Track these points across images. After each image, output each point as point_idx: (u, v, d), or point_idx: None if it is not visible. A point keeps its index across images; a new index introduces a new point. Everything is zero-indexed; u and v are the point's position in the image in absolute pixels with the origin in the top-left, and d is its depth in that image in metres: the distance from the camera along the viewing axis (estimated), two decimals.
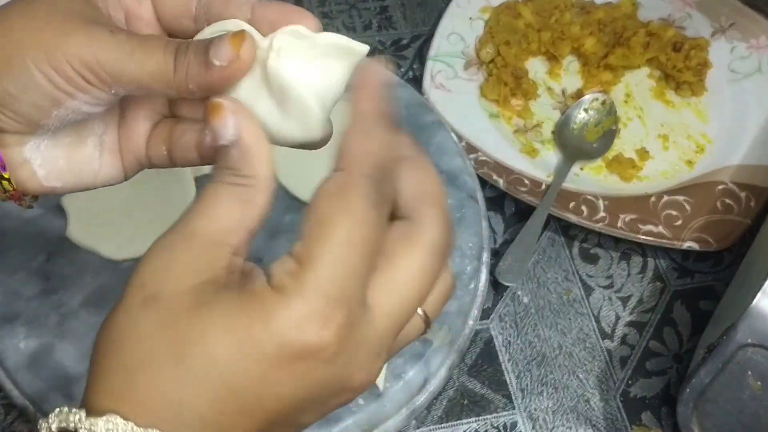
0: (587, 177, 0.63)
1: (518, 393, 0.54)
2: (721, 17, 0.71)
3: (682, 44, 0.68)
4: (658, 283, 0.60)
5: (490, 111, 0.66)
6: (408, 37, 0.72)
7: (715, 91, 0.69)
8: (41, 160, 0.32)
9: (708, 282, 0.60)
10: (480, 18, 0.70)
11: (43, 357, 0.47)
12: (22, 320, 0.48)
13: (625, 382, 0.55)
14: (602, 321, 0.58)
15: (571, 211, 0.59)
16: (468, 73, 0.67)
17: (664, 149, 0.66)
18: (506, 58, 0.67)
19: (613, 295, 0.59)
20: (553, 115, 0.67)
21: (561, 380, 0.55)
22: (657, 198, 0.61)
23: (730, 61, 0.70)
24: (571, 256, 0.60)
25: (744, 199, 0.61)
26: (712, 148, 0.66)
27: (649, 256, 0.61)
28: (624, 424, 0.53)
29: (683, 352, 0.56)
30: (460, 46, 0.68)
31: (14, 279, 0.50)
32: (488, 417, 0.53)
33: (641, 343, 0.57)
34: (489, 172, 0.60)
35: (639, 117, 0.67)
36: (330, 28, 0.71)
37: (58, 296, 0.49)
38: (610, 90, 0.68)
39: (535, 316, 0.57)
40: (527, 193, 0.60)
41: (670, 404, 0.54)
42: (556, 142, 0.64)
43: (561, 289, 0.59)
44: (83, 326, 0.48)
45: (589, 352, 0.56)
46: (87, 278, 0.50)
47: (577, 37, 0.68)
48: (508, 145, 0.63)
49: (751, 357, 0.46)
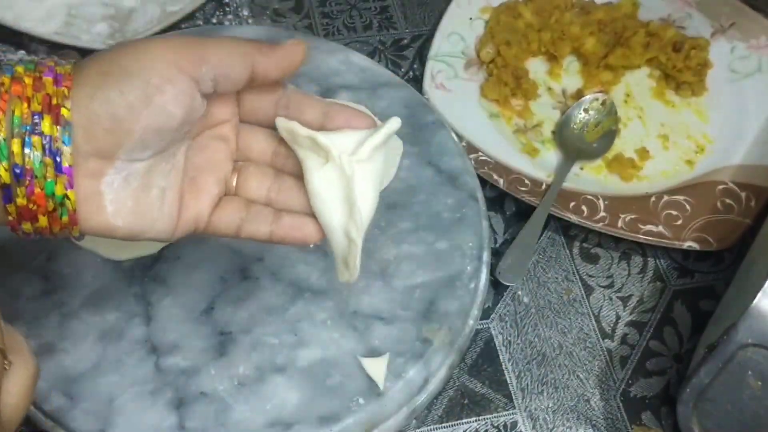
0: (587, 177, 0.63)
1: (518, 393, 0.54)
2: (721, 17, 0.71)
3: (682, 44, 0.68)
4: (658, 282, 0.60)
5: (491, 111, 0.66)
6: (408, 37, 0.72)
7: (715, 91, 0.69)
8: (113, 196, 0.34)
9: (708, 282, 0.60)
10: (480, 18, 0.70)
11: (44, 357, 0.47)
12: (23, 320, 0.48)
13: (625, 381, 0.55)
14: (602, 321, 0.58)
15: (572, 211, 0.59)
16: (468, 73, 0.67)
17: (664, 149, 0.66)
18: (506, 58, 0.67)
19: (613, 295, 0.59)
20: (553, 115, 0.67)
21: (561, 380, 0.55)
22: (657, 198, 0.61)
23: (730, 61, 0.70)
24: (572, 255, 0.60)
25: (744, 199, 0.61)
26: (713, 148, 0.66)
27: (650, 256, 0.61)
28: (624, 424, 0.53)
29: (683, 352, 0.56)
30: (460, 46, 0.68)
31: (14, 279, 0.50)
32: (488, 417, 0.53)
33: (641, 342, 0.57)
34: (489, 172, 0.60)
35: (639, 117, 0.67)
36: (331, 27, 0.71)
37: (58, 296, 0.49)
38: (610, 90, 0.68)
39: (535, 316, 0.57)
40: (527, 193, 0.60)
41: (670, 404, 0.54)
42: (556, 142, 0.64)
43: (561, 288, 0.59)
44: (83, 326, 0.48)
45: (589, 351, 0.56)
46: (87, 278, 0.50)
47: (577, 37, 0.68)
48: (508, 145, 0.63)
49: (751, 357, 0.46)
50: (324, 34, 0.71)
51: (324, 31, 0.71)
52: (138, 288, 0.50)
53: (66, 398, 0.46)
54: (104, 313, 0.49)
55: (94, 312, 0.49)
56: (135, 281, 0.50)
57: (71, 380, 0.46)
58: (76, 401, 0.46)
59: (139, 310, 0.49)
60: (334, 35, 0.71)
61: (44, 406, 0.46)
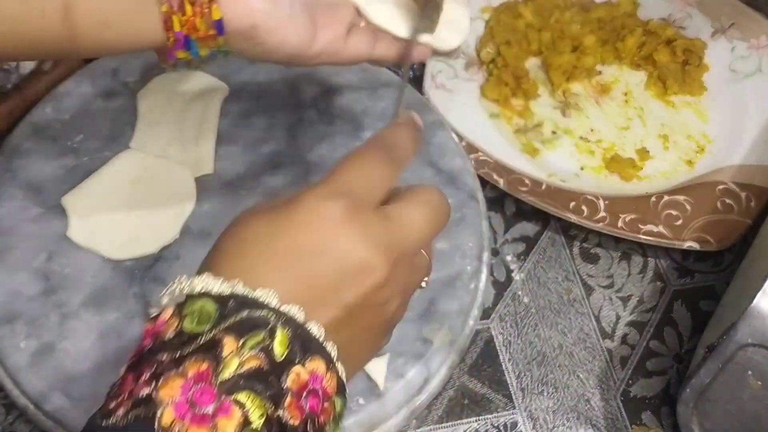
0: (587, 177, 0.63)
1: (518, 393, 0.54)
2: (721, 17, 0.71)
3: (678, 44, 0.68)
4: (658, 282, 0.60)
5: (491, 111, 0.66)
6: None
7: (715, 91, 0.69)
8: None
9: (708, 282, 0.60)
10: (480, 18, 0.70)
11: (44, 357, 0.47)
12: (23, 320, 0.48)
13: (625, 381, 0.55)
14: (602, 321, 0.58)
15: (572, 211, 0.59)
16: (468, 73, 0.67)
17: (664, 149, 0.66)
18: (506, 58, 0.67)
19: (613, 295, 0.59)
20: (553, 115, 0.67)
21: (561, 380, 0.55)
22: (657, 198, 0.61)
23: (730, 61, 0.70)
24: (572, 255, 0.60)
25: (744, 199, 0.61)
26: (713, 148, 0.66)
27: (650, 256, 0.61)
28: (624, 424, 0.53)
29: (683, 352, 0.56)
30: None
31: (14, 279, 0.50)
32: (488, 417, 0.53)
33: (641, 342, 0.57)
34: (489, 172, 0.60)
35: (639, 117, 0.67)
36: None
37: (58, 296, 0.49)
38: (610, 90, 0.68)
39: (535, 316, 0.57)
40: (527, 193, 0.60)
41: (671, 404, 0.54)
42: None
43: (561, 288, 0.59)
44: (83, 326, 0.48)
45: (589, 351, 0.56)
46: (87, 278, 0.50)
47: (576, 35, 0.68)
48: (508, 145, 0.63)
49: (751, 357, 0.46)
50: None
51: None
52: (138, 288, 0.50)
53: (66, 398, 0.46)
54: (104, 313, 0.49)
55: (94, 312, 0.49)
56: (135, 281, 0.50)
57: (71, 380, 0.46)
58: (76, 401, 0.46)
59: (139, 310, 0.49)
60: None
61: (44, 406, 0.46)
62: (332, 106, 0.60)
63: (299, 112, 0.59)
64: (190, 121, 0.57)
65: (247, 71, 0.61)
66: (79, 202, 0.53)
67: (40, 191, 0.54)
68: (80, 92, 0.59)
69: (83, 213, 0.53)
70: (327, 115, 0.59)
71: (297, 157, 0.57)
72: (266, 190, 0.55)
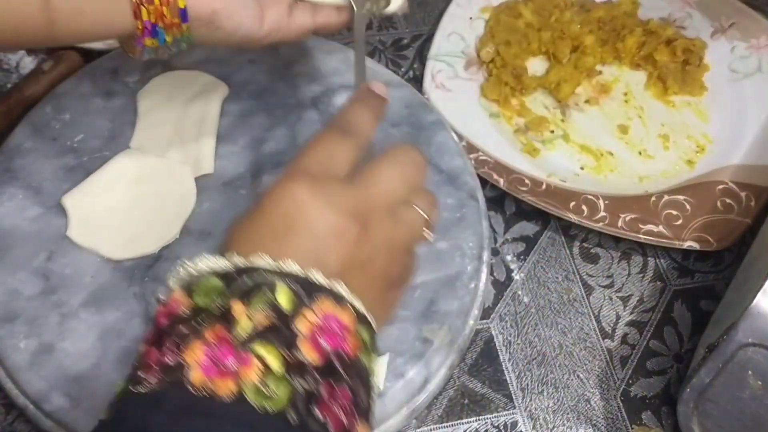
0: (587, 177, 0.63)
1: (518, 392, 0.54)
2: (721, 17, 0.71)
3: (679, 44, 0.68)
4: (658, 282, 0.60)
5: (491, 111, 0.66)
6: (408, 37, 0.72)
7: (715, 91, 0.69)
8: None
9: (708, 282, 0.60)
10: (480, 18, 0.70)
11: (43, 357, 0.47)
12: (22, 320, 0.48)
13: (625, 381, 0.55)
14: (603, 320, 0.58)
15: (572, 211, 0.59)
16: (468, 72, 0.67)
17: (664, 149, 0.66)
18: (506, 57, 0.67)
19: (613, 295, 0.59)
20: (553, 115, 0.66)
21: (561, 380, 0.55)
22: (657, 198, 0.61)
23: (730, 61, 0.70)
24: (572, 255, 0.60)
25: (744, 199, 0.61)
26: (713, 148, 0.66)
27: (650, 256, 0.61)
28: (624, 424, 0.53)
29: (683, 351, 0.56)
30: (460, 46, 0.68)
31: (14, 279, 0.50)
32: (488, 416, 0.53)
33: (641, 342, 0.57)
34: (489, 171, 0.60)
35: (639, 117, 0.67)
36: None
37: (58, 296, 0.49)
38: (611, 89, 0.68)
39: (535, 316, 0.57)
40: (528, 192, 0.60)
41: (671, 404, 0.54)
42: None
43: (561, 288, 0.59)
44: (83, 326, 0.48)
45: (589, 351, 0.56)
46: (87, 278, 0.50)
47: (576, 35, 0.68)
48: (508, 145, 0.63)
49: (751, 357, 0.46)
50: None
51: None
52: (138, 288, 0.50)
53: (66, 398, 0.46)
54: (104, 313, 0.49)
55: (93, 312, 0.49)
56: (135, 281, 0.50)
57: (71, 380, 0.46)
58: (76, 401, 0.46)
59: (139, 310, 0.49)
60: (334, 35, 0.71)
61: (44, 406, 0.46)
62: (332, 106, 0.60)
63: (299, 112, 0.59)
64: (190, 121, 0.57)
65: (247, 71, 0.61)
66: (79, 202, 0.53)
67: (40, 191, 0.54)
68: (80, 92, 0.59)
69: (83, 213, 0.53)
70: (327, 115, 0.59)
71: None
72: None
